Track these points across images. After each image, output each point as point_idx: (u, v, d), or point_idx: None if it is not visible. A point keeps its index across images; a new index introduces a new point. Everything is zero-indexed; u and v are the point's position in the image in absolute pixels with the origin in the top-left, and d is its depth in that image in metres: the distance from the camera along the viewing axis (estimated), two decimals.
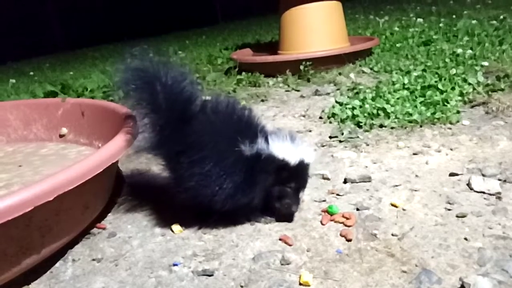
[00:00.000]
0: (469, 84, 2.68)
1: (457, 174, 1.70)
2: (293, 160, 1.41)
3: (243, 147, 1.39)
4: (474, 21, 4.79)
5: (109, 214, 1.72)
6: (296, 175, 1.45)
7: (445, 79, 2.80)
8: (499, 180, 1.61)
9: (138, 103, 1.50)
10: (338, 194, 1.66)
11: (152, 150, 1.52)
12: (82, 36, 11.52)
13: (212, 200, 1.41)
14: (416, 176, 1.74)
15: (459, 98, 2.52)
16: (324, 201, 1.63)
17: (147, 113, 1.48)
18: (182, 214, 1.57)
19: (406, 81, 2.84)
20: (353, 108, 2.50)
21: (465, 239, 1.30)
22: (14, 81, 4.98)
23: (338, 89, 3.17)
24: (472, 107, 2.45)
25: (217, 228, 1.51)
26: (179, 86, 1.47)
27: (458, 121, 2.23)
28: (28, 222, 1.20)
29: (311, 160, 1.47)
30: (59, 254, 1.43)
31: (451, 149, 1.95)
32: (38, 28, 11.65)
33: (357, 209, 1.54)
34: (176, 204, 1.58)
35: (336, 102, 2.74)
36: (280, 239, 1.40)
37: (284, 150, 1.41)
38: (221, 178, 1.39)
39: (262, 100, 3.16)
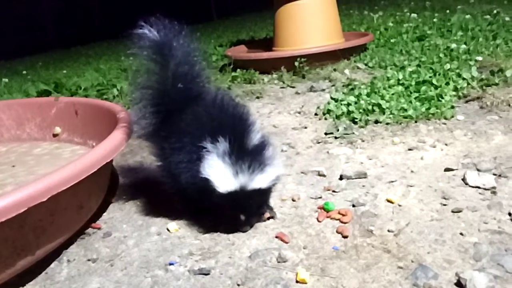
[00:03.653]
0: (464, 79, 2.69)
1: (452, 169, 1.70)
2: (224, 188, 1.32)
3: (206, 145, 1.34)
4: (468, 16, 4.80)
5: (104, 214, 1.71)
6: (233, 203, 1.35)
7: (439, 74, 2.81)
8: (494, 174, 1.61)
9: (146, 77, 1.51)
10: (334, 191, 1.66)
11: (147, 136, 1.56)
12: (76, 34, 11.45)
13: (186, 190, 1.41)
14: (412, 171, 1.74)
15: (454, 93, 2.52)
16: (320, 198, 1.62)
17: (152, 91, 1.50)
18: (178, 212, 1.57)
19: (400, 76, 2.84)
20: (348, 104, 2.50)
21: (461, 234, 1.30)
22: (7, 80, 4.94)
23: (333, 85, 3.17)
24: (467, 102, 2.46)
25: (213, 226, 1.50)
26: (192, 68, 1.48)
27: (452, 116, 2.24)
28: (22, 223, 1.19)
29: (264, 185, 1.36)
30: (54, 254, 1.43)
31: (446, 144, 1.95)
32: (31, 26, 11.56)
33: (353, 206, 1.54)
34: (172, 202, 1.58)
35: (331, 98, 2.74)
36: (276, 237, 1.40)
37: (220, 174, 1.31)
38: (192, 170, 1.38)
39: (257, 97, 3.15)
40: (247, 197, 1.35)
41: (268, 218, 1.50)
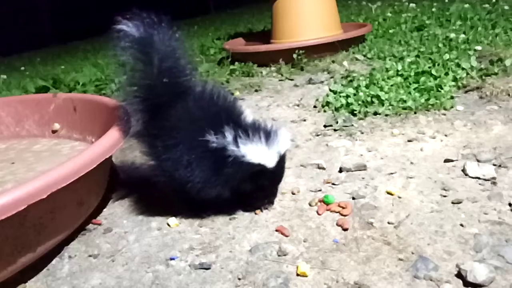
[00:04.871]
0: (463, 69, 2.67)
1: (452, 160, 1.70)
2: (270, 163, 1.39)
3: (210, 138, 1.36)
4: (466, 5, 4.77)
5: (105, 210, 1.71)
6: (273, 173, 1.43)
7: (438, 65, 2.80)
8: (494, 165, 1.61)
9: (131, 75, 1.49)
10: (333, 184, 1.66)
11: (137, 135, 1.55)
12: (73, 29, 11.40)
13: (186, 187, 1.41)
14: (411, 163, 1.74)
15: (453, 83, 2.51)
16: (319, 190, 1.62)
17: (139, 88, 1.48)
18: (178, 207, 1.57)
19: (399, 67, 2.83)
20: (347, 96, 2.49)
21: (461, 225, 1.30)
22: (5, 76, 4.92)
23: (331, 77, 3.16)
24: (466, 92, 2.45)
25: (213, 221, 1.50)
26: (176, 63, 1.46)
27: (452, 107, 2.23)
28: (22, 221, 1.19)
29: (287, 147, 1.45)
30: (55, 251, 1.43)
31: (446, 135, 1.95)
32: (28, 22, 11.52)
33: (353, 198, 1.54)
34: (172, 197, 1.58)
35: (330, 90, 2.73)
36: (276, 230, 1.40)
37: (260, 153, 1.36)
38: (192, 166, 1.39)
39: (256, 90, 3.14)
40: (283, 160, 1.47)
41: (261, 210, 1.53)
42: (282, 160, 1.44)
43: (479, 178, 1.55)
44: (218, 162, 1.38)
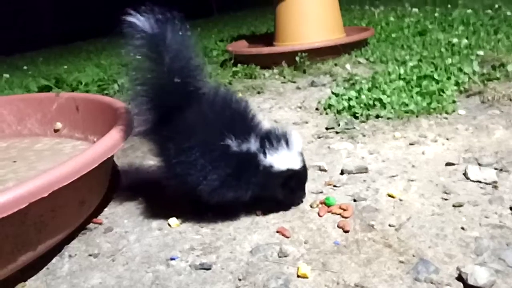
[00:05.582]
0: (465, 73, 2.68)
1: (453, 164, 1.70)
2: (297, 165, 1.44)
3: (231, 142, 1.36)
4: (469, 11, 4.78)
5: (106, 209, 1.71)
6: (300, 174, 1.48)
7: (440, 69, 2.80)
8: (495, 169, 1.61)
9: (141, 74, 1.47)
10: (335, 186, 1.66)
11: (146, 134, 1.53)
12: (76, 29, 11.42)
13: (198, 190, 1.40)
14: (413, 166, 1.74)
15: (455, 88, 2.52)
16: (321, 192, 1.62)
17: (148, 87, 1.46)
18: (179, 208, 1.57)
19: (402, 71, 2.83)
20: (349, 99, 2.49)
21: (462, 228, 1.30)
22: (8, 75, 4.94)
23: (334, 80, 3.16)
24: (468, 96, 2.45)
25: (214, 221, 1.50)
26: (188, 63, 1.44)
27: (454, 111, 2.23)
28: (23, 219, 1.19)
29: (301, 145, 1.49)
30: (56, 250, 1.43)
31: (447, 139, 1.95)
32: (31, 21, 11.54)
33: (354, 200, 1.53)
34: (173, 197, 1.58)
35: (332, 93, 2.73)
36: (277, 232, 1.40)
37: (286, 159, 1.41)
38: (206, 170, 1.37)
39: (258, 92, 3.14)
40: (304, 159, 1.50)
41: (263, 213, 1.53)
42: (303, 160, 1.49)
43: (480, 181, 1.55)
44: (240, 166, 1.39)
